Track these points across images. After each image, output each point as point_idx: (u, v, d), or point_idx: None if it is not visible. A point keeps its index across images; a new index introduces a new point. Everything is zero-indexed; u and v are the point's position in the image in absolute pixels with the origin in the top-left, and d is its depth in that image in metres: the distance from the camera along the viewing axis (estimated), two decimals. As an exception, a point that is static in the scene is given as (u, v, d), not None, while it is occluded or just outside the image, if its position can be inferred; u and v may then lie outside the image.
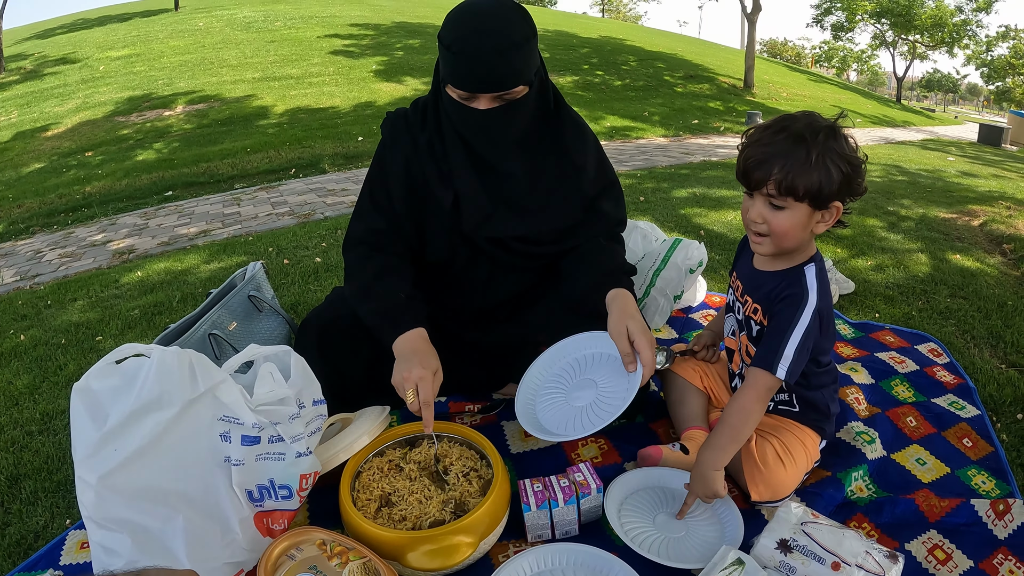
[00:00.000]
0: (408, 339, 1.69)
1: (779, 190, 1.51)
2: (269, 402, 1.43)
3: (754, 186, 1.56)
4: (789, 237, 1.58)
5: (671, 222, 4.59)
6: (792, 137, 1.50)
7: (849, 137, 1.54)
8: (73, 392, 1.37)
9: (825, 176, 1.48)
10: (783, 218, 1.55)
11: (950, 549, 1.59)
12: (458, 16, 1.62)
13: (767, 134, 1.54)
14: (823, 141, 1.48)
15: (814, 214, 1.55)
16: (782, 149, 1.50)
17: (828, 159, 1.48)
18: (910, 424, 2.10)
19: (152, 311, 3.24)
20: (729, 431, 1.60)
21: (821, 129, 1.50)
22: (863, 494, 1.80)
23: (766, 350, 1.60)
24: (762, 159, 1.52)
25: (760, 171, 1.52)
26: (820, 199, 1.51)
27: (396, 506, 1.52)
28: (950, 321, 2.94)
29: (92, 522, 1.34)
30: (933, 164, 9.04)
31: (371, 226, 1.88)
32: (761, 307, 1.70)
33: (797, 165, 1.48)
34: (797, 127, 1.51)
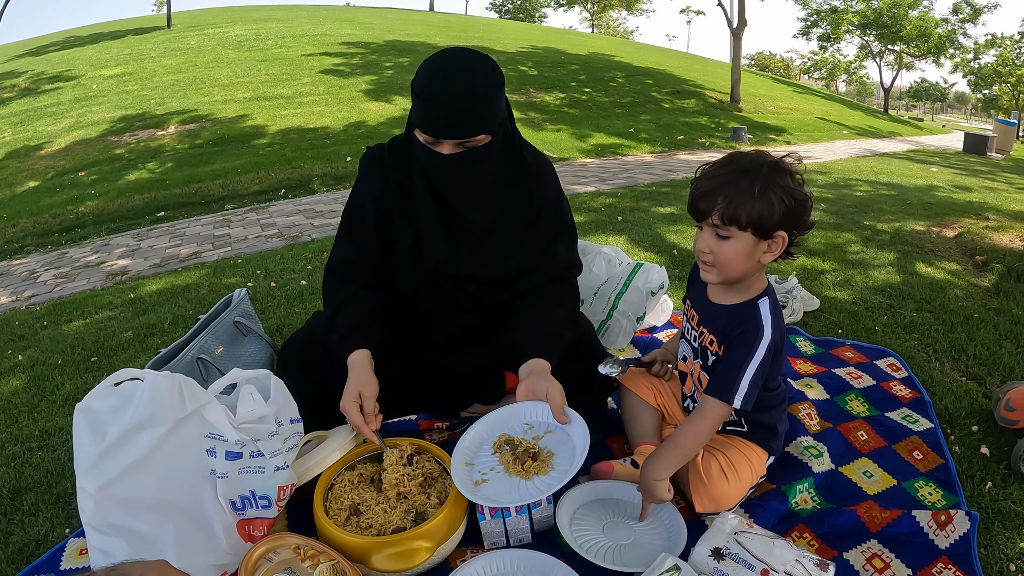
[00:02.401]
0: (351, 361, 1.85)
1: (723, 219, 1.60)
2: (250, 420, 1.58)
3: (700, 216, 1.66)
4: (734, 266, 1.67)
5: (646, 241, 4.68)
6: (737, 170, 1.60)
7: (797, 175, 1.63)
8: (76, 411, 1.51)
9: (767, 207, 1.57)
10: (728, 247, 1.63)
11: (889, 558, 1.65)
12: (429, 65, 1.75)
13: (714, 168, 1.65)
14: (767, 174, 1.58)
15: (759, 244, 1.63)
16: (727, 181, 1.60)
17: (771, 191, 1.57)
18: (861, 438, 2.18)
19: (145, 333, 3.35)
20: (677, 450, 1.72)
21: (765, 163, 1.60)
22: (807, 505, 1.88)
23: (722, 381, 1.70)
24: (708, 190, 1.62)
25: (706, 202, 1.62)
26: (763, 229, 1.60)
27: (364, 515, 1.66)
28: (913, 335, 3.00)
29: (91, 528, 1.48)
30: (915, 175, 9.09)
31: (344, 256, 2.03)
32: (717, 339, 1.78)
33: (740, 195, 1.57)
34: (743, 162, 1.62)
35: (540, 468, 1.66)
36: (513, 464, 1.68)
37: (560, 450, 1.72)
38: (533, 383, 1.80)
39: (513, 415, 1.85)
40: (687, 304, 1.97)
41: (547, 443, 1.75)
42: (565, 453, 1.70)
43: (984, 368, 2.69)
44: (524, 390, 1.81)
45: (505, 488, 1.65)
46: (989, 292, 3.64)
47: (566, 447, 1.72)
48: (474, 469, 1.73)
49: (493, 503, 1.61)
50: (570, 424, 1.75)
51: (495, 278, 2.02)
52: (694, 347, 1.91)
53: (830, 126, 18.51)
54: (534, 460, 1.68)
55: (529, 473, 1.65)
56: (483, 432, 1.84)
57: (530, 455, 1.69)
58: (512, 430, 1.81)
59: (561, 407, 1.75)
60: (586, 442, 1.67)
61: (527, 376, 1.82)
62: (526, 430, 1.81)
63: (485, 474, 1.70)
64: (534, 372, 1.81)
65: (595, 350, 2.17)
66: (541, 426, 1.81)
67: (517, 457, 1.69)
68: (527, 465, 1.67)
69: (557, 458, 1.70)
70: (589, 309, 2.78)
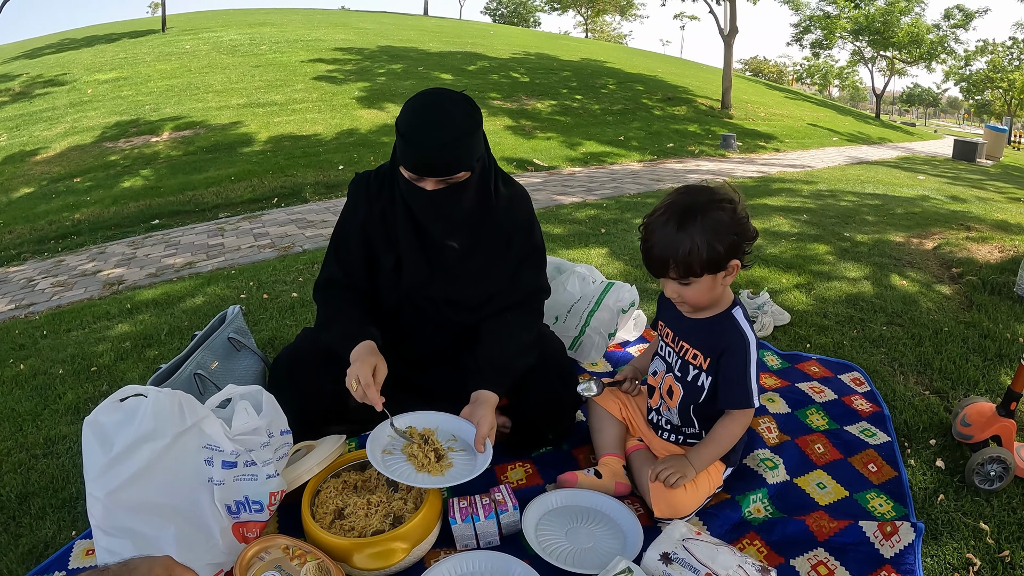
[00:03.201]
0: (358, 348, 1.99)
1: (679, 275, 1.79)
2: (244, 432, 1.75)
3: (659, 275, 1.85)
4: (703, 300, 1.88)
5: (626, 255, 4.73)
6: (675, 226, 1.74)
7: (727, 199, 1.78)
8: (85, 424, 1.66)
9: (711, 251, 1.74)
10: (692, 291, 1.84)
11: (833, 566, 1.74)
12: (412, 107, 1.90)
13: (656, 228, 1.79)
14: (701, 222, 1.73)
15: (716, 276, 1.82)
16: (670, 241, 1.75)
17: (709, 236, 1.72)
18: (817, 451, 2.27)
19: (142, 343, 3.44)
20: (717, 447, 1.96)
21: (698, 210, 1.74)
22: (759, 514, 1.98)
23: (737, 393, 1.91)
24: (658, 255, 1.79)
25: (658, 264, 1.81)
26: (715, 266, 1.78)
27: (347, 518, 1.81)
28: (880, 349, 3.06)
29: (100, 530, 1.63)
30: (902, 184, 9.13)
31: (331, 276, 2.20)
32: (702, 352, 1.96)
33: (686, 251, 1.74)
34: (677, 214, 1.75)
35: (434, 469, 1.84)
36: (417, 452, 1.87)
37: (459, 466, 1.89)
38: (473, 409, 1.98)
39: (447, 423, 2.04)
40: (660, 325, 2.14)
41: (456, 457, 1.93)
42: (462, 470, 1.87)
43: (948, 382, 2.76)
44: (466, 413, 2.00)
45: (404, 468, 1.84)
46: (961, 305, 3.69)
47: (467, 467, 1.88)
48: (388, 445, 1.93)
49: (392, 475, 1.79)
50: (482, 454, 1.91)
51: (467, 301, 2.18)
52: (668, 362, 2.08)
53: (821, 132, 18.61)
54: (437, 460, 1.87)
55: (425, 467, 1.84)
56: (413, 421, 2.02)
57: (437, 455, 1.88)
58: (440, 434, 1.99)
59: (483, 438, 1.91)
60: (481, 469, 1.84)
61: (472, 402, 2.01)
62: (449, 439, 1.99)
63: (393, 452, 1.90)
64: (478, 401, 1.99)
65: (562, 367, 2.31)
66: (461, 443, 1.98)
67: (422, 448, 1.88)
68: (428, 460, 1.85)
69: (452, 470, 1.87)
70: (563, 326, 2.91)
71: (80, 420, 2.17)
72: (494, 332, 2.14)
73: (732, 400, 1.94)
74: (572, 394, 2.24)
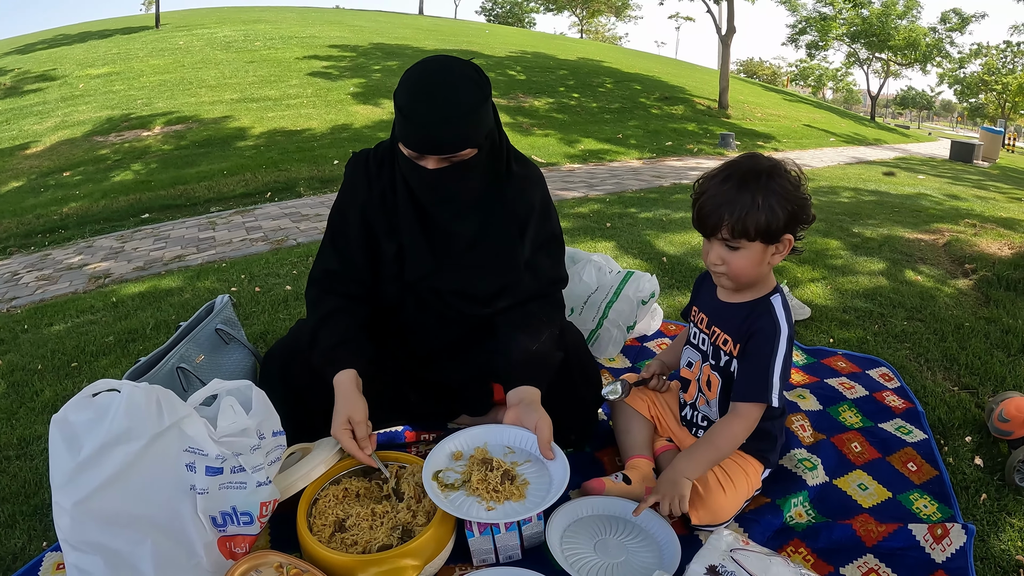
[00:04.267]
0: (336, 382, 1.82)
1: (732, 234, 1.67)
2: (231, 433, 1.54)
3: (709, 233, 1.72)
4: (747, 273, 1.74)
5: (634, 248, 4.66)
6: (737, 183, 1.65)
7: (791, 171, 1.71)
8: (52, 423, 1.46)
9: (771, 215, 1.63)
10: (739, 257, 1.71)
11: (885, 573, 1.64)
12: (411, 79, 1.71)
13: (714, 184, 1.69)
14: (765, 183, 1.64)
15: (767, 249, 1.70)
16: (729, 197, 1.65)
17: (772, 199, 1.63)
18: (855, 450, 2.16)
19: (126, 338, 3.30)
20: (713, 451, 1.78)
21: (763, 172, 1.66)
22: (802, 519, 1.85)
23: (753, 383, 1.75)
24: (713, 208, 1.68)
25: (713, 219, 1.68)
26: (770, 235, 1.67)
27: (349, 531, 1.62)
28: (905, 344, 2.99)
29: (68, 544, 1.43)
30: (903, 183, 9.11)
31: (326, 267, 1.99)
32: (732, 338, 1.83)
33: (744, 209, 1.63)
34: (741, 173, 1.67)
35: (513, 493, 1.64)
36: (480, 482, 1.65)
37: (536, 482, 1.70)
38: (522, 413, 1.78)
39: (496, 435, 1.83)
40: (695, 311, 2.01)
41: (524, 471, 1.73)
42: (541, 486, 1.68)
43: (976, 378, 2.69)
44: (512, 418, 1.80)
45: (467, 505, 1.63)
46: (979, 301, 3.64)
47: (543, 480, 1.70)
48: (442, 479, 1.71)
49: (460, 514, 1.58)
50: (554, 460, 1.72)
51: (478, 293, 1.99)
52: (702, 350, 1.94)
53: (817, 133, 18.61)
54: (511, 482, 1.66)
55: (501, 496, 1.63)
56: (460, 445, 1.81)
57: (508, 477, 1.66)
58: (492, 450, 1.79)
59: (549, 442, 1.72)
60: (564, 481, 1.64)
61: (516, 404, 1.80)
62: (506, 453, 1.79)
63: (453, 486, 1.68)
64: (524, 401, 1.80)
65: (584, 363, 2.12)
66: (522, 454, 1.79)
67: (488, 476, 1.66)
68: (502, 486, 1.64)
69: (532, 488, 1.67)
70: (579, 318, 2.75)
71: (57, 420, 2.07)
72: (521, 324, 1.94)
73: (744, 390, 1.79)
74: (595, 391, 2.08)
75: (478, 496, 1.63)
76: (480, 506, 1.61)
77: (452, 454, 1.77)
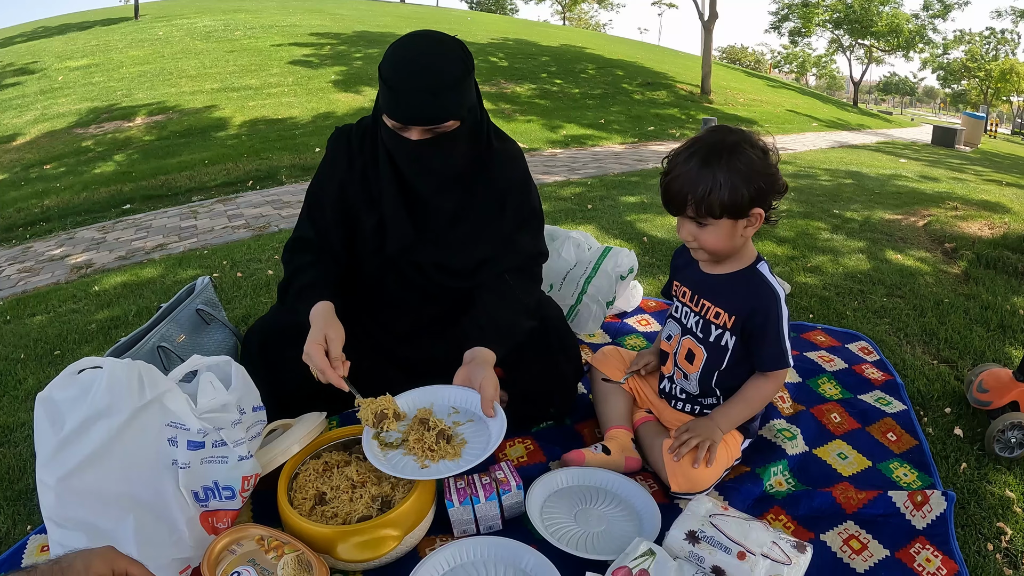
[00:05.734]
0: (314, 312, 1.82)
1: (697, 212, 1.68)
2: (212, 409, 1.55)
3: (676, 211, 1.74)
4: (721, 247, 1.76)
5: (615, 229, 4.67)
6: (699, 162, 1.65)
7: (757, 143, 1.69)
8: (37, 401, 1.47)
9: (734, 192, 1.63)
10: (709, 234, 1.72)
11: (866, 539, 1.67)
12: (396, 51, 1.73)
13: (679, 162, 1.70)
14: (727, 160, 1.63)
15: (737, 223, 1.70)
16: (692, 176, 1.65)
17: (736, 176, 1.62)
18: (834, 420, 2.19)
19: (109, 325, 3.29)
20: (747, 408, 1.87)
21: (725, 148, 1.64)
22: (782, 488, 1.89)
23: (772, 354, 1.81)
24: (678, 188, 1.68)
25: (678, 199, 1.69)
26: (737, 211, 1.67)
27: (329, 504, 1.63)
28: (884, 320, 3.03)
29: (52, 522, 1.45)
30: (884, 166, 9.12)
31: (302, 235, 2.02)
32: (726, 311, 1.84)
33: (707, 188, 1.63)
34: (703, 150, 1.66)
35: (448, 452, 1.65)
36: (417, 442, 1.66)
37: (474, 440, 1.71)
38: (471, 371, 1.80)
39: (442, 396, 1.85)
40: (676, 285, 2.02)
41: (465, 431, 1.74)
42: (479, 444, 1.69)
43: (955, 351, 2.73)
44: (462, 376, 1.81)
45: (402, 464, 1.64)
46: (959, 278, 3.67)
47: (481, 439, 1.71)
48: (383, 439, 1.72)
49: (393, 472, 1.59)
50: (493, 419, 1.73)
51: (459, 266, 2.01)
52: (684, 324, 1.95)
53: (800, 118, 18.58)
54: (447, 442, 1.67)
55: (436, 455, 1.64)
56: (405, 406, 1.81)
57: (444, 436, 1.68)
58: (438, 410, 1.80)
59: (491, 400, 1.73)
60: (499, 438, 1.65)
61: (469, 362, 1.82)
62: (451, 413, 1.80)
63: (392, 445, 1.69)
64: (476, 360, 1.81)
65: (563, 337, 2.14)
66: (466, 413, 1.80)
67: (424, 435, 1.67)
68: (437, 445, 1.65)
69: (469, 447, 1.69)
70: (558, 294, 2.76)
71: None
72: (494, 291, 1.96)
73: (768, 361, 1.83)
74: (574, 364, 2.11)
75: (414, 455, 1.64)
76: (415, 464, 1.62)
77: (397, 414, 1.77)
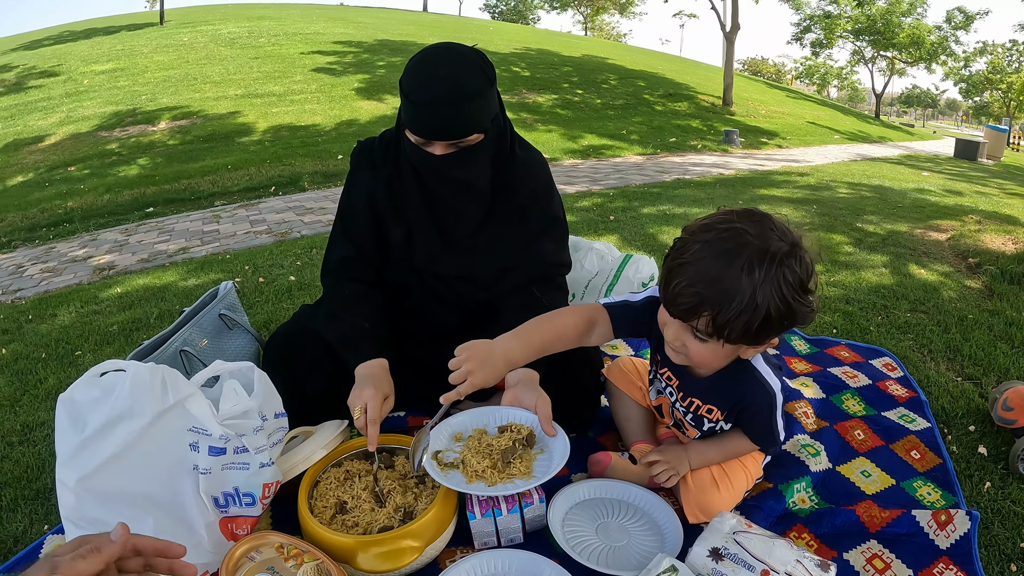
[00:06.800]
0: (367, 366, 1.79)
1: (708, 331, 1.34)
2: (234, 415, 1.54)
3: (678, 316, 1.37)
4: (708, 365, 1.51)
5: (637, 240, 4.65)
6: (736, 272, 1.26)
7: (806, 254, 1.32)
8: (58, 402, 1.46)
9: (766, 321, 1.29)
10: (704, 349, 1.41)
11: (889, 558, 1.62)
12: (416, 65, 1.71)
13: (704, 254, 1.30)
14: (774, 276, 1.26)
15: (740, 347, 1.44)
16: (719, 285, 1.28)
17: (774, 298, 1.27)
18: (857, 437, 2.15)
19: (130, 327, 3.30)
20: (722, 456, 1.77)
21: (775, 258, 1.27)
22: (805, 505, 1.84)
23: (762, 436, 1.72)
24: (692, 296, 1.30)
25: (687, 307, 1.32)
26: (754, 340, 1.36)
27: (350, 513, 1.61)
28: (908, 335, 2.97)
29: (70, 522, 1.43)
30: (907, 180, 9.05)
31: (342, 254, 1.99)
32: (718, 407, 1.69)
33: (736, 311, 1.27)
34: (744, 257, 1.27)
35: (516, 471, 1.61)
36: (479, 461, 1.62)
37: (536, 459, 1.67)
38: (520, 393, 1.75)
39: (495, 416, 1.80)
40: (658, 359, 1.78)
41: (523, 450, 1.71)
42: (541, 462, 1.65)
43: (979, 368, 2.67)
44: (510, 399, 1.77)
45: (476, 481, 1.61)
46: (982, 294, 3.61)
47: (543, 457, 1.67)
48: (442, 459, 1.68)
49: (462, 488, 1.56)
50: (555, 437, 1.69)
51: (482, 276, 1.99)
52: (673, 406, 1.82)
53: (822, 131, 18.54)
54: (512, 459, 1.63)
55: (502, 473, 1.60)
56: (459, 426, 1.79)
57: (508, 454, 1.63)
58: (491, 431, 1.76)
59: (549, 418, 1.69)
60: (565, 454, 1.61)
61: (515, 384, 1.77)
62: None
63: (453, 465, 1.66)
64: (522, 382, 1.77)
65: (586, 349, 2.11)
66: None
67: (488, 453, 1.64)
68: (503, 463, 1.61)
69: (538, 464, 1.65)
70: (580, 303, 2.72)
71: (60, 406, 2.08)
72: (523, 306, 1.91)
73: (756, 441, 1.76)
74: (596, 376, 2.08)
75: (477, 474, 1.61)
76: (480, 482, 1.59)
77: (452, 435, 1.75)
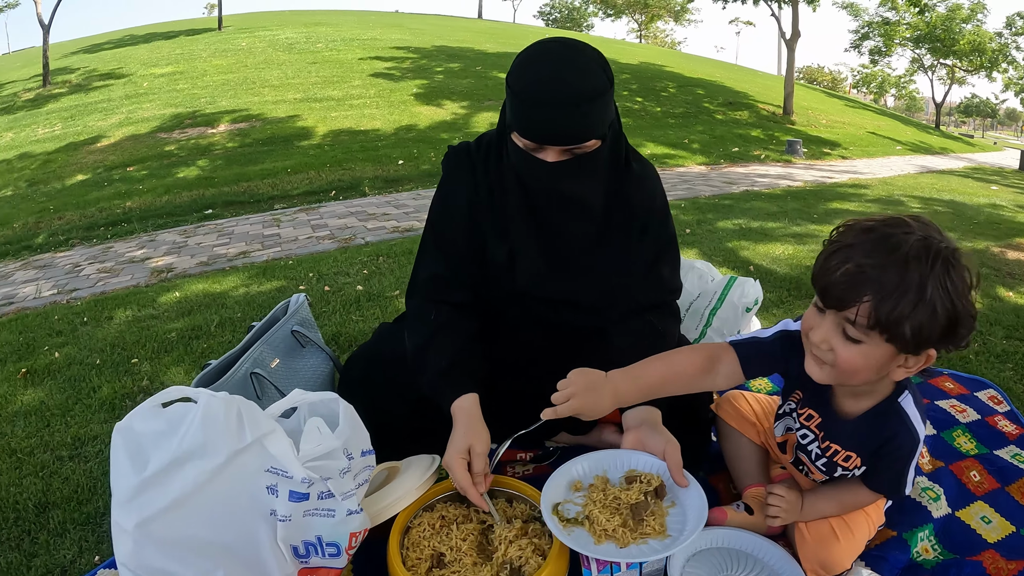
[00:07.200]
0: (457, 407, 1.60)
1: (868, 323, 1.21)
2: (318, 455, 1.34)
3: (834, 306, 1.26)
4: (857, 377, 1.31)
5: (719, 256, 4.47)
6: (900, 258, 1.18)
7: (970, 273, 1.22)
8: (115, 431, 1.30)
9: (931, 317, 1.17)
10: (856, 354, 1.26)
11: None
12: (530, 59, 1.51)
13: (866, 241, 1.23)
14: (940, 271, 1.17)
15: (897, 357, 1.26)
16: (885, 273, 1.18)
17: (939, 296, 1.17)
18: (974, 479, 1.98)
19: (189, 335, 3.17)
20: (838, 509, 1.56)
21: (940, 255, 1.18)
22: (929, 556, 1.69)
23: (888, 482, 1.50)
24: (853, 280, 1.21)
25: (849, 292, 1.21)
26: (913, 345, 1.22)
27: (448, 567, 1.41)
28: (1007, 365, 2.77)
29: (126, 568, 1.27)
30: (977, 194, 8.83)
31: (433, 272, 1.78)
32: (857, 454, 1.49)
33: (900, 297, 1.17)
34: (909, 245, 1.19)
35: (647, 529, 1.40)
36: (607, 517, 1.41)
37: (673, 513, 1.47)
38: (645, 437, 1.56)
39: (618, 462, 1.60)
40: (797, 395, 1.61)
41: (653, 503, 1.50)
42: (674, 518, 1.45)
43: None
44: (633, 442, 1.58)
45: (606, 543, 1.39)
46: (1079, 319, 3.40)
47: (676, 512, 1.46)
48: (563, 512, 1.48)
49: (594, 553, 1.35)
50: (687, 488, 1.48)
51: (590, 301, 1.78)
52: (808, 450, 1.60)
53: (883, 141, 18.22)
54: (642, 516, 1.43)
55: (631, 531, 1.39)
56: (578, 473, 1.58)
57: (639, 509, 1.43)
58: (614, 478, 1.56)
59: (680, 465, 1.49)
60: (703, 513, 1.40)
61: (637, 426, 1.59)
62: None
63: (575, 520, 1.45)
64: (646, 423, 1.58)
65: None
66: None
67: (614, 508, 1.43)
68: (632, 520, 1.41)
69: (672, 520, 1.44)
70: (682, 327, 2.52)
71: (114, 418, 2.07)
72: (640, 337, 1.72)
73: (882, 486, 1.52)
74: (706, 409, 1.88)
75: (607, 533, 1.40)
76: (611, 543, 1.38)
77: (571, 484, 1.54)
